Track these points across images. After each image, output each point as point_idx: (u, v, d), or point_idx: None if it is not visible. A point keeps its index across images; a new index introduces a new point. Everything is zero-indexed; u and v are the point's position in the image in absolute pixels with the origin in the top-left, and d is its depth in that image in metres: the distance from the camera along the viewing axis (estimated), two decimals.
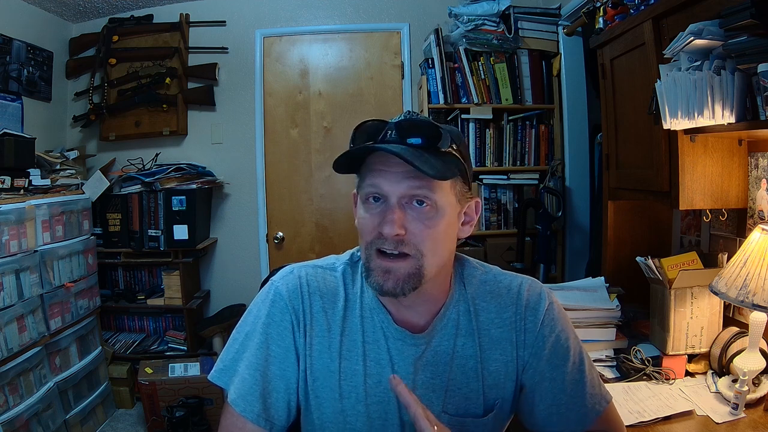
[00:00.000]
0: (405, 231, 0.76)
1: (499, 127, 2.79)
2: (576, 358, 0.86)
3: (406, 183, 0.76)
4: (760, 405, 1.23)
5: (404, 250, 0.77)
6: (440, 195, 0.78)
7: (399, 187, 0.76)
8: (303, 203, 3.12)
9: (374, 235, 0.78)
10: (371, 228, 0.78)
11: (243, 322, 0.88)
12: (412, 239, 0.77)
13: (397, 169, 0.76)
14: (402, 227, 0.76)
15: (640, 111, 1.57)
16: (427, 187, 0.76)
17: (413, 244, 0.77)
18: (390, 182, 0.77)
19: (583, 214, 2.78)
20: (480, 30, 2.69)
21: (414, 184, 0.76)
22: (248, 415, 0.80)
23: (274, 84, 3.09)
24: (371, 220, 0.79)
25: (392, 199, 0.77)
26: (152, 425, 2.61)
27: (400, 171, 0.76)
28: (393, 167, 0.77)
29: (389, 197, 0.77)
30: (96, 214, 2.82)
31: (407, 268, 0.77)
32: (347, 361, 0.84)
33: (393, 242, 0.76)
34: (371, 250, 0.79)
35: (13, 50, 2.60)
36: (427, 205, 0.77)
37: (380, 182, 0.77)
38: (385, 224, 0.76)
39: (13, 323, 2.09)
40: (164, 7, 3.06)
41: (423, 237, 0.77)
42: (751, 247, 1.17)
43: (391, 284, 0.77)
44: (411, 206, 0.77)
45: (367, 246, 0.79)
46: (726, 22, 1.10)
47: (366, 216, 0.80)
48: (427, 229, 0.77)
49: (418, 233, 0.77)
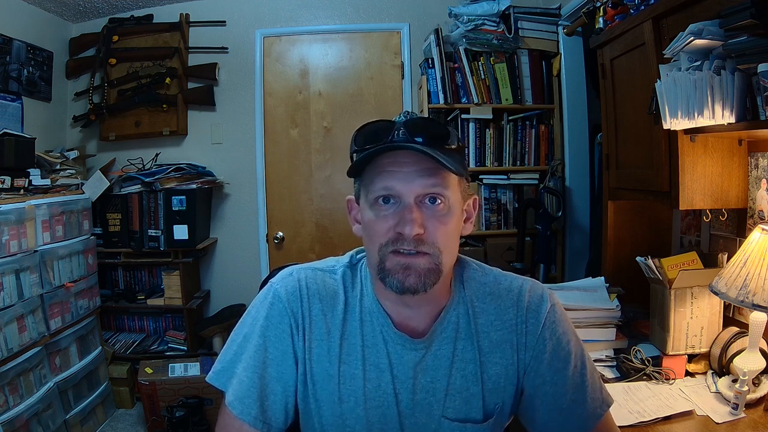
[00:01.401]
0: (424, 230, 0.76)
1: (499, 127, 2.79)
2: (578, 361, 0.85)
3: (421, 181, 0.76)
4: (760, 405, 1.23)
5: (423, 249, 0.76)
6: (452, 192, 0.78)
7: (414, 186, 0.76)
8: (303, 203, 3.12)
9: (389, 237, 0.77)
10: (385, 230, 0.77)
11: (241, 323, 0.87)
12: (429, 237, 0.76)
13: (409, 169, 0.76)
14: (421, 226, 0.75)
15: (640, 111, 1.57)
16: (441, 185, 0.77)
17: (431, 242, 0.76)
18: (403, 182, 0.76)
19: (583, 214, 2.78)
20: (480, 30, 2.69)
21: (428, 182, 0.76)
22: (245, 418, 0.80)
23: (274, 84, 3.09)
24: (384, 222, 0.77)
25: (408, 198, 0.76)
26: (152, 425, 2.61)
27: (413, 170, 0.76)
28: (405, 167, 0.76)
29: (404, 197, 0.76)
30: (96, 214, 2.82)
31: (427, 264, 0.76)
32: (346, 365, 0.84)
33: (413, 242, 0.75)
34: (386, 252, 0.77)
35: (13, 50, 2.60)
36: (440, 203, 0.77)
37: (393, 183, 0.76)
38: (405, 224, 0.75)
39: (13, 323, 2.09)
40: (164, 7, 3.06)
41: (439, 234, 0.77)
42: (751, 247, 1.17)
43: (413, 280, 0.76)
44: (425, 204, 0.77)
45: (380, 249, 0.78)
46: (726, 22, 1.10)
47: (376, 219, 0.78)
48: (442, 226, 0.77)
49: (435, 231, 0.77)
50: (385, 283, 0.78)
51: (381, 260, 0.78)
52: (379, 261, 0.78)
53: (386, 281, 0.78)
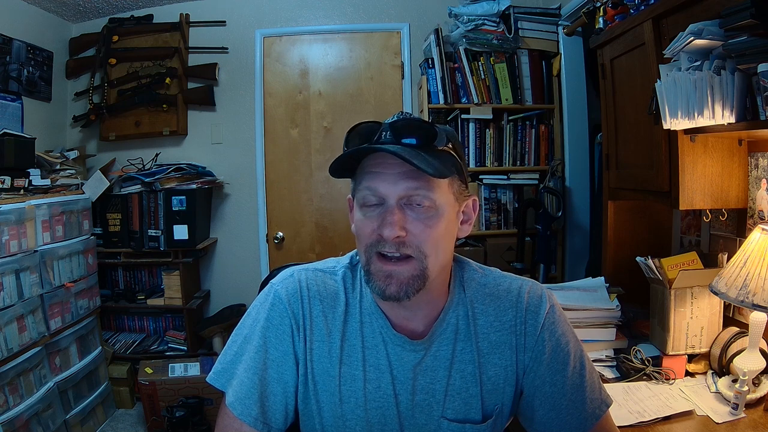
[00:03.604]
0: (406, 232, 0.75)
1: (499, 127, 2.79)
2: (576, 362, 0.85)
3: (404, 184, 0.75)
4: (760, 405, 1.23)
5: (406, 251, 0.76)
6: (439, 194, 0.77)
7: (397, 188, 0.76)
8: (303, 203, 3.12)
9: (373, 239, 0.77)
10: (369, 231, 0.77)
11: (242, 324, 0.87)
12: (413, 240, 0.76)
13: (394, 170, 0.76)
14: (402, 229, 0.75)
15: (640, 111, 1.57)
16: (425, 187, 0.76)
17: (415, 245, 0.76)
18: (387, 184, 0.76)
19: (583, 214, 2.78)
20: (480, 30, 2.69)
21: (412, 184, 0.75)
22: (246, 419, 0.80)
23: (274, 84, 3.09)
24: (369, 223, 0.77)
25: (390, 200, 0.76)
26: (152, 425, 2.61)
27: (397, 172, 0.76)
28: (389, 168, 0.76)
29: (387, 199, 0.76)
30: (96, 214, 2.82)
31: (410, 271, 0.76)
32: (347, 366, 0.84)
33: (394, 244, 0.75)
34: (371, 254, 0.78)
35: (13, 50, 2.60)
36: (426, 205, 0.76)
37: (377, 184, 0.76)
38: (384, 226, 0.75)
39: (13, 323, 2.09)
40: (164, 7, 3.05)
41: (424, 237, 0.76)
42: (751, 247, 1.17)
43: (394, 289, 0.76)
44: (410, 207, 0.76)
45: (366, 250, 0.78)
46: (726, 22, 1.10)
47: (363, 219, 0.78)
48: (428, 229, 0.76)
49: (419, 234, 0.76)
50: (369, 286, 0.79)
51: (367, 262, 0.78)
52: (366, 262, 0.79)
53: (370, 285, 0.79)
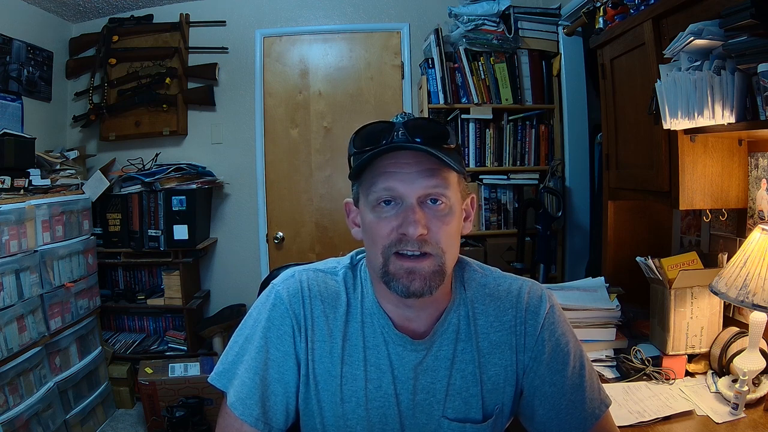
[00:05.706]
0: (427, 230, 0.76)
1: (499, 127, 2.79)
2: (576, 362, 0.85)
3: (422, 182, 0.76)
4: (760, 405, 1.23)
5: (426, 249, 0.76)
6: (452, 192, 0.78)
7: (415, 187, 0.76)
8: (303, 203, 3.12)
9: (393, 238, 0.77)
10: (387, 232, 0.77)
11: (243, 325, 0.88)
12: (432, 238, 0.76)
13: (411, 170, 0.76)
14: (425, 227, 0.75)
15: (640, 111, 1.57)
16: (442, 185, 0.77)
17: (434, 242, 0.76)
18: (405, 183, 0.76)
19: (583, 214, 2.78)
20: (480, 30, 2.69)
21: (430, 183, 0.76)
22: (247, 419, 0.80)
23: (274, 84, 3.09)
24: (387, 223, 0.77)
25: (410, 199, 0.76)
26: (152, 425, 2.61)
27: (414, 171, 0.76)
28: (406, 168, 0.76)
29: (406, 198, 0.76)
30: (96, 214, 2.82)
31: (431, 266, 0.76)
32: (348, 365, 0.84)
33: (416, 243, 0.75)
34: (389, 254, 0.77)
35: (13, 50, 2.60)
36: (442, 203, 0.77)
37: (395, 184, 0.76)
38: (408, 225, 0.75)
39: (13, 323, 2.09)
40: (164, 7, 3.05)
41: (441, 235, 0.77)
42: (751, 247, 1.17)
43: (418, 284, 0.76)
44: (426, 205, 0.77)
45: (383, 251, 0.77)
46: (726, 22, 1.10)
47: (378, 221, 0.78)
48: (444, 226, 0.77)
49: (437, 231, 0.77)
50: (389, 287, 0.78)
51: (384, 263, 0.78)
52: (383, 264, 0.78)
53: (390, 285, 0.78)
